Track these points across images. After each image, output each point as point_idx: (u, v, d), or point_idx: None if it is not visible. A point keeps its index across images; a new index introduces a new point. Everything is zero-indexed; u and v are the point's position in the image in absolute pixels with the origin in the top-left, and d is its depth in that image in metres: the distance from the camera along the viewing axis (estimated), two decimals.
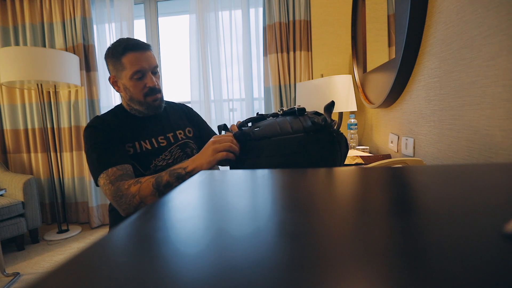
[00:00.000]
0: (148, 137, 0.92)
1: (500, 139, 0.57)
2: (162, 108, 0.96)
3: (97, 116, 0.91)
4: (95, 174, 0.82)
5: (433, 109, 0.84)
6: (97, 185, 0.84)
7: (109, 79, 0.93)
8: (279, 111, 0.83)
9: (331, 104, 0.79)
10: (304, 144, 0.69)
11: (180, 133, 1.00)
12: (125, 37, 0.93)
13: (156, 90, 0.91)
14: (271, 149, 0.71)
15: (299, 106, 0.81)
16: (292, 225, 0.23)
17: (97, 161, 0.82)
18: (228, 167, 0.79)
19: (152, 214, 0.28)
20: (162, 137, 0.95)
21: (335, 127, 0.73)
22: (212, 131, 1.15)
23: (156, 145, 0.92)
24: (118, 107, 0.97)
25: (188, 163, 0.77)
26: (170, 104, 1.09)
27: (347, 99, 1.62)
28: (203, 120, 1.16)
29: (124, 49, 0.87)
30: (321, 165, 0.69)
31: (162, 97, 0.95)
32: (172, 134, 0.98)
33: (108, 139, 0.85)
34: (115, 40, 0.92)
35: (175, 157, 0.95)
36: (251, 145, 0.73)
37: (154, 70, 0.91)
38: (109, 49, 0.90)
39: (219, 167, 1.02)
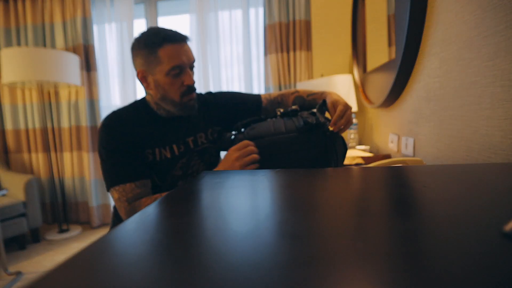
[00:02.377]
0: (169, 143, 0.83)
1: (499, 139, 0.58)
2: (196, 108, 0.85)
3: (115, 112, 0.80)
4: (109, 183, 0.76)
5: (433, 109, 0.85)
6: (107, 190, 0.78)
7: (137, 74, 0.80)
8: (277, 112, 0.83)
9: (323, 104, 0.80)
10: (296, 143, 0.70)
11: (200, 137, 0.89)
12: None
13: (193, 89, 0.81)
14: (264, 149, 0.72)
15: (296, 107, 0.82)
16: (292, 225, 0.24)
17: (113, 171, 0.75)
18: None
19: (152, 215, 0.28)
20: (182, 141, 0.85)
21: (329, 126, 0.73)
22: (251, 100, 0.98)
23: (176, 153, 0.84)
24: (141, 103, 0.84)
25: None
26: (198, 98, 0.95)
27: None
28: (233, 95, 0.99)
29: (163, 39, 0.74)
30: (315, 164, 0.69)
31: (196, 96, 0.84)
32: (192, 138, 0.87)
33: (127, 144, 0.76)
34: (145, 32, 0.77)
35: (190, 164, 0.87)
36: None
37: (193, 66, 0.81)
38: (139, 39, 0.77)
39: None
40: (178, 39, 0.75)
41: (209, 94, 0.98)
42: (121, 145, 0.76)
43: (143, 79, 0.80)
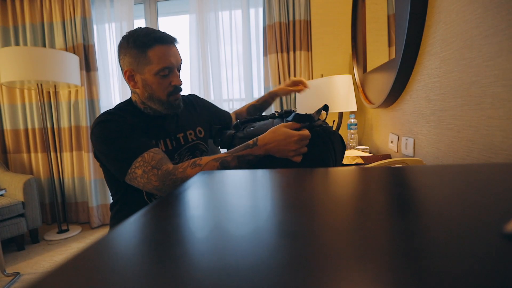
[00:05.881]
0: (161, 138, 0.86)
1: (500, 139, 0.57)
2: (182, 106, 0.89)
3: (105, 111, 0.81)
4: (126, 166, 0.73)
5: (433, 109, 0.84)
6: (124, 180, 0.75)
7: (124, 73, 0.81)
8: (275, 113, 0.84)
9: (323, 107, 0.81)
10: None
11: (190, 134, 0.93)
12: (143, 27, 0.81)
13: (180, 89, 0.85)
14: None
15: (294, 109, 0.82)
16: (292, 225, 0.23)
17: (126, 150, 0.74)
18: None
19: (152, 215, 0.28)
20: (173, 137, 0.89)
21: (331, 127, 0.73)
22: (225, 113, 1.12)
23: (170, 147, 0.86)
24: (127, 104, 0.87)
25: (261, 151, 0.69)
26: (184, 99, 0.99)
27: (347, 99, 1.61)
28: (211, 105, 1.10)
29: (153, 40, 0.76)
30: (314, 163, 0.69)
31: (180, 96, 0.88)
32: (182, 134, 0.91)
33: (129, 127, 0.77)
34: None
35: (183, 160, 0.89)
36: (243, 143, 0.74)
37: (180, 67, 0.85)
38: (128, 38, 0.78)
39: None
40: (168, 41, 0.79)
41: (194, 96, 1.07)
42: (123, 129, 0.76)
43: (130, 78, 0.81)
